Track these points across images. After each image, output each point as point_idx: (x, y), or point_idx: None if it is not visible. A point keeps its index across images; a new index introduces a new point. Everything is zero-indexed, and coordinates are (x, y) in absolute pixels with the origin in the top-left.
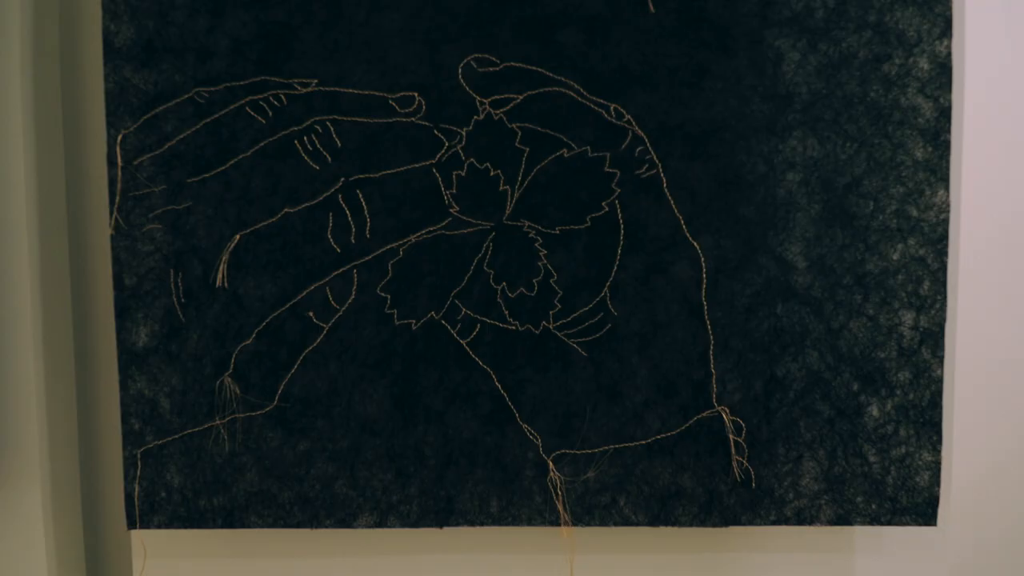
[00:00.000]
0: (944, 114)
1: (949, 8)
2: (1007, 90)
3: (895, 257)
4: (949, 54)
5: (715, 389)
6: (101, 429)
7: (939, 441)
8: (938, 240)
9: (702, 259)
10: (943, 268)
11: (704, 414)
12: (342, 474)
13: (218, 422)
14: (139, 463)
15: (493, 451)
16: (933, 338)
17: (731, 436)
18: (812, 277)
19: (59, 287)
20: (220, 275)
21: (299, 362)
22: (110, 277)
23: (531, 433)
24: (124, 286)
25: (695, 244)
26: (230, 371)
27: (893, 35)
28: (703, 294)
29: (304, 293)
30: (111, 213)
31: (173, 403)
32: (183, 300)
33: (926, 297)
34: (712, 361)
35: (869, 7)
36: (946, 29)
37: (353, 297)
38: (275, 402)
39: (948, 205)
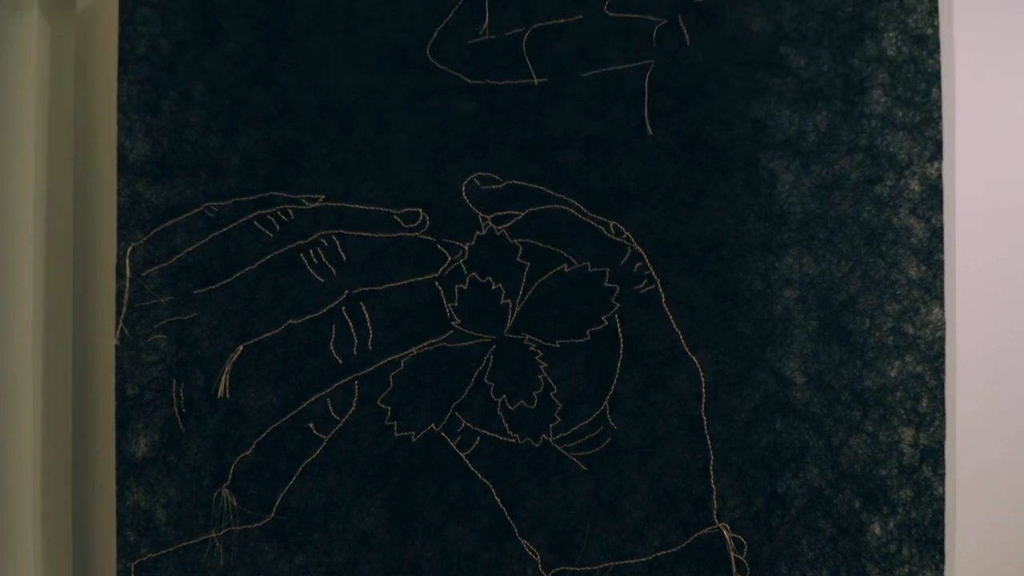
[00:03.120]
0: (936, 234)
1: (939, 132)
2: (998, 210)
3: (893, 374)
4: (940, 176)
5: (715, 505)
6: (96, 541)
7: (942, 560)
8: (935, 357)
9: (701, 374)
10: (941, 385)
11: (705, 531)
12: None
13: (214, 535)
14: None
15: (492, 567)
16: (933, 455)
17: (732, 554)
18: (811, 393)
19: (60, 396)
20: (222, 386)
21: (298, 474)
22: (112, 387)
23: (530, 549)
24: (126, 396)
25: (694, 359)
26: (228, 483)
27: (884, 158)
28: (702, 408)
29: (305, 404)
30: (117, 323)
31: (169, 515)
32: (184, 410)
33: (925, 414)
34: (712, 476)
35: (860, 131)
36: (936, 152)
37: (354, 409)
38: (272, 514)
39: (943, 323)
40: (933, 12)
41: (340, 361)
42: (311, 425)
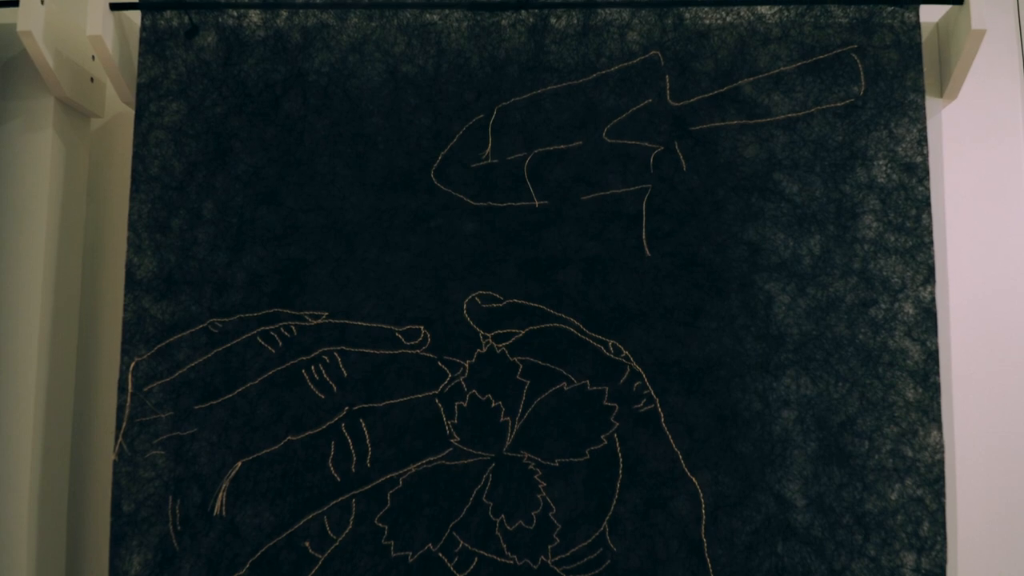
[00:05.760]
0: (932, 357)
1: (931, 256)
2: (993, 333)
3: (893, 497)
4: (933, 300)
5: None
6: None
7: None
8: (935, 481)
9: (701, 495)
10: (941, 509)
11: None
12: None
13: None
14: None
15: None
16: None
17: None
18: (812, 516)
19: (56, 512)
20: (219, 503)
21: None
22: (107, 503)
23: None
24: (122, 512)
25: (693, 479)
26: None
27: (878, 281)
28: (702, 530)
29: (302, 522)
30: (116, 439)
31: None
32: (179, 528)
33: (926, 538)
34: None
35: (853, 255)
36: (929, 276)
37: (351, 527)
38: None
39: (942, 446)
40: (922, 141)
41: (338, 478)
42: (307, 544)
